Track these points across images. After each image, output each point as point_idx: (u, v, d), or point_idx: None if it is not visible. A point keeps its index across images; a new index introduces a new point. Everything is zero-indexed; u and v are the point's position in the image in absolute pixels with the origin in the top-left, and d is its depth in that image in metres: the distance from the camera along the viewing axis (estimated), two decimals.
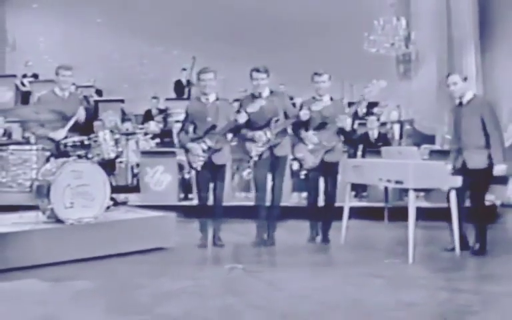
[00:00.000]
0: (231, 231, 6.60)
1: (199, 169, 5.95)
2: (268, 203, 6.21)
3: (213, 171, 6.05)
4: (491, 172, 5.59)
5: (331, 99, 6.27)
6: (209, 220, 6.14)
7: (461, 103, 5.74)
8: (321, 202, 6.49)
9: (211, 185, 6.11)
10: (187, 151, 6.05)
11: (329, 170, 6.24)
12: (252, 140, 6.04)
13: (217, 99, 6.08)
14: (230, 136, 6.33)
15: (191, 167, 6.10)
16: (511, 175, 9.97)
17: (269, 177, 6.20)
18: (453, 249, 5.70)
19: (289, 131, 6.34)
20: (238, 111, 6.06)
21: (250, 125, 6.05)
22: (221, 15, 13.95)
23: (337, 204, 6.31)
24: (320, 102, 6.17)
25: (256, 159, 6.06)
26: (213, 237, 6.12)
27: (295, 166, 8.33)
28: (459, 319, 3.81)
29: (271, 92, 6.14)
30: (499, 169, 5.48)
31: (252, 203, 6.35)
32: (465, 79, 5.73)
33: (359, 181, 6.31)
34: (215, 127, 5.92)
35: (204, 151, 5.92)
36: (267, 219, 6.19)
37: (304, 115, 6.01)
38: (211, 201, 6.13)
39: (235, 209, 7.58)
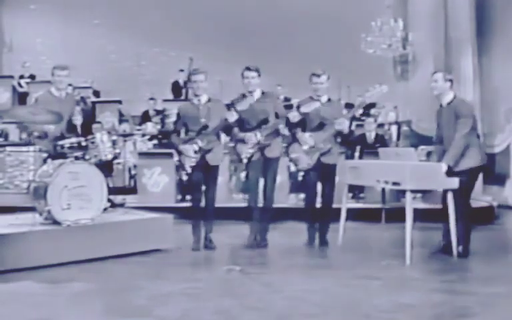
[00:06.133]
0: (228, 233, 6.60)
1: (189, 170, 5.97)
2: (261, 204, 6.22)
3: (205, 172, 6.05)
4: (475, 173, 5.66)
5: (329, 99, 6.26)
6: (202, 222, 6.14)
7: (442, 105, 5.76)
8: (318, 204, 6.48)
9: (204, 186, 6.11)
10: (179, 152, 6.06)
11: (326, 172, 6.21)
12: (242, 141, 6.06)
13: (209, 100, 6.08)
14: (223, 137, 6.35)
15: (183, 168, 6.12)
16: (508, 177, 10.01)
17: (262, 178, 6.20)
18: (441, 249, 5.73)
19: (286, 131, 6.35)
20: (228, 110, 6.06)
21: (241, 125, 6.07)
22: (218, 16, 13.94)
23: (334, 205, 6.30)
24: (313, 103, 6.14)
25: (245, 161, 6.07)
26: (204, 239, 6.11)
27: (293, 167, 8.31)
28: None
29: (263, 93, 6.14)
30: (442, 166, 5.43)
31: None
32: (450, 81, 5.71)
33: (357, 182, 6.31)
34: (206, 127, 5.93)
35: (196, 151, 5.93)
36: (260, 220, 6.20)
37: (293, 116, 5.98)
38: (203, 203, 6.13)
39: (233, 210, 7.57)
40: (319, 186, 6.38)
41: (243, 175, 8.95)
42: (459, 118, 5.55)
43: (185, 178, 8.74)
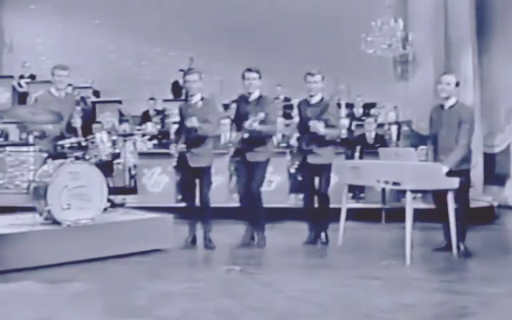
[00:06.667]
0: (228, 233, 6.59)
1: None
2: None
3: (193, 173, 6.07)
4: (469, 174, 5.71)
5: (322, 99, 6.24)
6: (195, 221, 6.17)
7: (442, 106, 5.75)
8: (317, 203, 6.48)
9: (193, 187, 6.15)
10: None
11: (316, 172, 6.21)
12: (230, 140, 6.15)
13: (202, 100, 6.07)
14: (223, 137, 6.37)
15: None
16: (509, 177, 10.01)
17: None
18: (444, 248, 5.74)
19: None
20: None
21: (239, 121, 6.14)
22: (218, 16, 13.94)
23: (334, 205, 6.29)
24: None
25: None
26: (204, 238, 6.12)
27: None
28: None
29: (260, 96, 6.14)
30: (443, 169, 5.43)
31: None
32: (457, 84, 5.73)
33: (357, 182, 6.31)
34: (191, 128, 5.91)
35: (180, 152, 5.95)
36: (253, 220, 6.21)
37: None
38: (197, 202, 6.16)
39: (232, 210, 7.55)
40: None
41: None
42: (461, 123, 5.56)
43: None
